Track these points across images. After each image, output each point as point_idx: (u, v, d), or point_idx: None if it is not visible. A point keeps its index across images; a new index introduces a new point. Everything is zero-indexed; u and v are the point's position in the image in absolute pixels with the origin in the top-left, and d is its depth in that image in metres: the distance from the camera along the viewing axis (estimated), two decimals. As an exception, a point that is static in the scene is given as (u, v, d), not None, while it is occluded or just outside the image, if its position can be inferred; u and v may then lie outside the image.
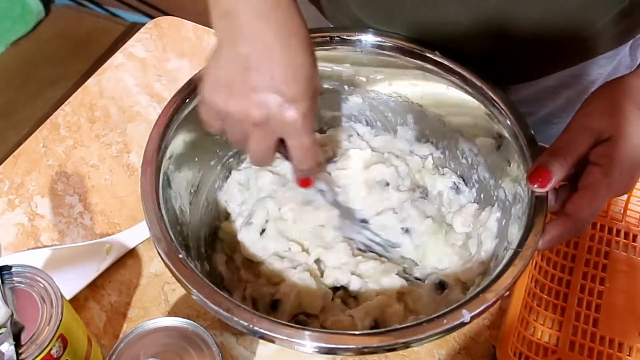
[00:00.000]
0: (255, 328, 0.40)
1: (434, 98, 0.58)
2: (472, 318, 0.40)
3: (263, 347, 0.53)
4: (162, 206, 0.47)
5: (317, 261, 0.55)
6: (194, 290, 0.42)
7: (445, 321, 0.40)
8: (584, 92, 0.64)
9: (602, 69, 0.62)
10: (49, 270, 0.44)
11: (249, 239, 0.56)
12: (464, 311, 0.40)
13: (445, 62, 0.54)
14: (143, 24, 0.85)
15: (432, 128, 0.60)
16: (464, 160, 0.59)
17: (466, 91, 0.54)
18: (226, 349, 0.53)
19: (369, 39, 0.56)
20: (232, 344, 0.53)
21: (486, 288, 0.41)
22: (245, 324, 0.40)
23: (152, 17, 0.88)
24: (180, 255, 0.44)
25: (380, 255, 0.55)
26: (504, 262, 0.43)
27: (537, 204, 0.45)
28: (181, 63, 0.78)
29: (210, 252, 0.56)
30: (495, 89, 0.52)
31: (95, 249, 0.58)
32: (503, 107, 0.51)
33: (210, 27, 0.81)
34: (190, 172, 0.55)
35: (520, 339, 0.51)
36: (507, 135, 0.51)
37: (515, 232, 0.47)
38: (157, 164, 0.49)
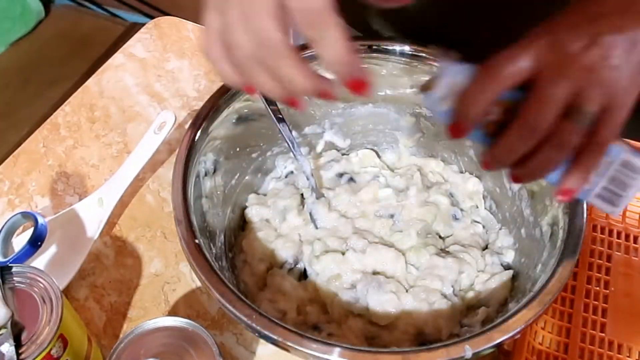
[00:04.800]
0: (247, 320, 0.40)
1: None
2: (474, 355, 0.39)
3: (263, 347, 0.53)
4: (189, 193, 0.48)
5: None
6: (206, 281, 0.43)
7: (445, 352, 0.39)
8: None
9: None
10: (55, 238, 0.44)
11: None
12: (467, 347, 0.39)
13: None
14: (143, 24, 0.85)
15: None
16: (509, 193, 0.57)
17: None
18: (226, 349, 0.53)
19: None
20: (232, 344, 0.53)
21: (495, 326, 0.41)
22: (246, 320, 0.41)
23: (152, 17, 0.88)
24: (197, 241, 0.45)
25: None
26: (521, 303, 0.42)
27: (564, 250, 0.44)
28: (181, 63, 0.78)
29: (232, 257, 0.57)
30: None
31: (88, 205, 0.60)
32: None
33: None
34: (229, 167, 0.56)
35: (530, 349, 0.50)
36: None
37: (541, 274, 0.46)
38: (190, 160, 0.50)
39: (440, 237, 0.58)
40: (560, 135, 0.37)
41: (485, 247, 0.57)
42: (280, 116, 0.53)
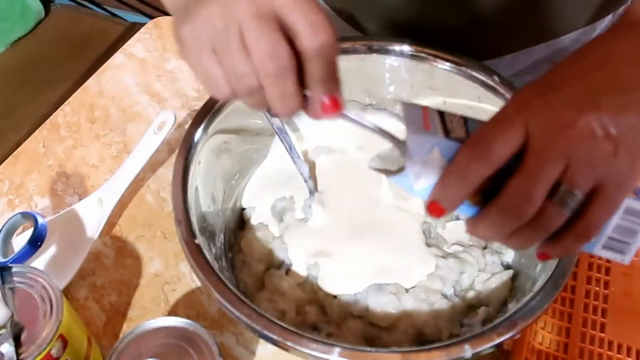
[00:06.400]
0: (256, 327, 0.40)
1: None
2: (474, 355, 0.39)
3: (263, 347, 0.53)
4: (189, 193, 0.48)
5: None
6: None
7: (445, 352, 0.39)
8: None
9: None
10: (55, 239, 0.44)
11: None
12: (466, 347, 0.39)
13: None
14: (143, 24, 0.85)
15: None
16: None
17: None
18: (226, 349, 0.53)
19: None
20: (232, 344, 0.53)
21: (495, 326, 0.41)
22: (246, 320, 0.41)
23: (151, 17, 0.88)
24: (197, 241, 0.45)
25: None
26: (521, 303, 0.42)
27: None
28: (181, 63, 0.78)
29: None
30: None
31: (88, 205, 0.60)
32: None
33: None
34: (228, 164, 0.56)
35: (530, 349, 0.50)
36: None
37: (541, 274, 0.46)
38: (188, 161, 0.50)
39: (443, 237, 0.58)
40: (544, 217, 0.33)
41: (485, 247, 0.57)
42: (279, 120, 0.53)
